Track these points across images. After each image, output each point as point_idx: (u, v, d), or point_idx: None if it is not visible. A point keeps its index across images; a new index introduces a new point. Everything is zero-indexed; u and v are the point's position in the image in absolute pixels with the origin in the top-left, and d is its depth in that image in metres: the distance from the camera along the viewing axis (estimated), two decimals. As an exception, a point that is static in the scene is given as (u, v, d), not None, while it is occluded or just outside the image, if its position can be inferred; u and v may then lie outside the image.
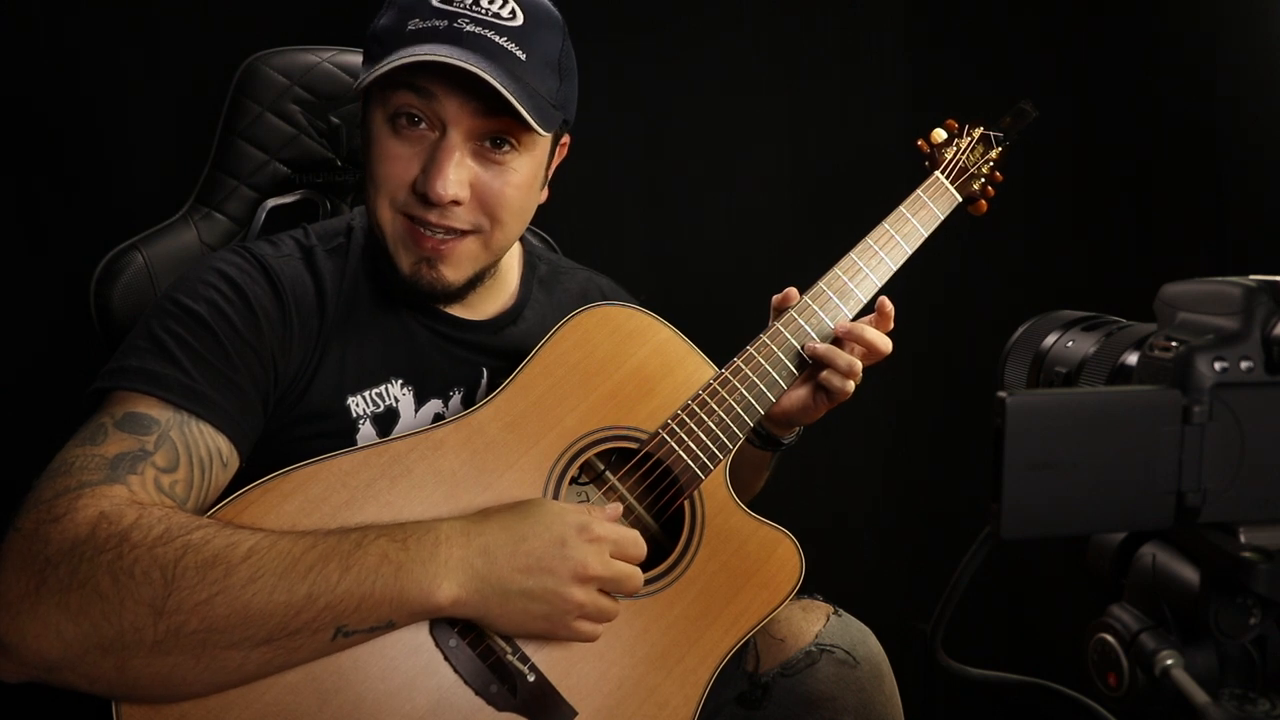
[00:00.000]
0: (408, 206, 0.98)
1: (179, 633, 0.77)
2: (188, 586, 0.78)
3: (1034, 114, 1.28)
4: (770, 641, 1.14)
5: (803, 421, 1.16)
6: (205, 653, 0.78)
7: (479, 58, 0.92)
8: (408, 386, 1.06)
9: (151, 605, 0.77)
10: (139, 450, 0.86)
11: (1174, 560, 0.61)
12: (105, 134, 1.52)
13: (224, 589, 0.78)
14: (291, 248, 1.05)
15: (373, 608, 0.83)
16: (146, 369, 0.90)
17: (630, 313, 1.09)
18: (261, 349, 0.96)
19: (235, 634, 0.79)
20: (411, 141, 0.97)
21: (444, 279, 1.01)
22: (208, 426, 0.90)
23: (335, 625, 0.82)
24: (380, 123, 0.97)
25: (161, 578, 0.78)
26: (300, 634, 0.81)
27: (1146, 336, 0.62)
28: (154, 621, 0.77)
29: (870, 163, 1.84)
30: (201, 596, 0.78)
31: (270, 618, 0.79)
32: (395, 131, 0.97)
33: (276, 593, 0.80)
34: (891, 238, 1.17)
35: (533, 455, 0.99)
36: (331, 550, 0.83)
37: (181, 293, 0.95)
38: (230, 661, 0.80)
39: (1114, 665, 0.60)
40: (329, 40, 1.30)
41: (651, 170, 1.84)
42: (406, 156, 0.97)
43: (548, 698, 0.93)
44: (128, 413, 0.88)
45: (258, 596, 0.79)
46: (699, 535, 1.04)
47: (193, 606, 0.78)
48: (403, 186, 0.97)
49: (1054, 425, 0.52)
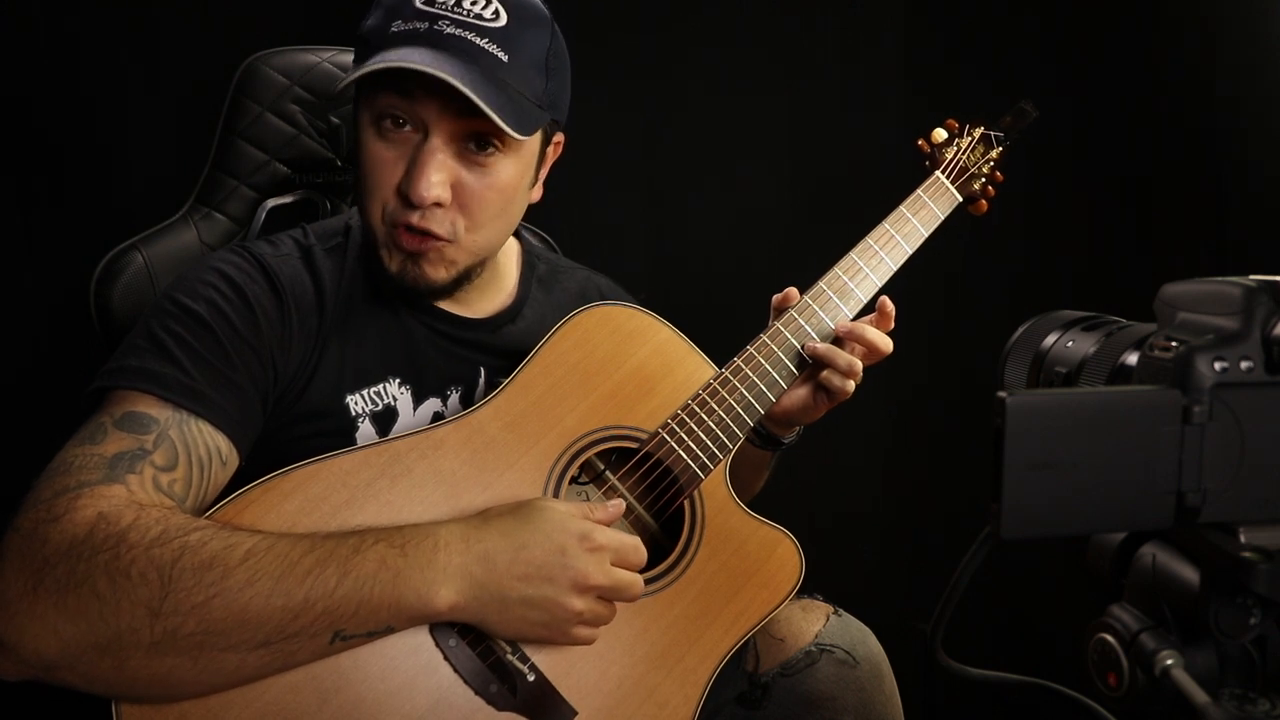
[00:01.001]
0: (395, 211, 0.97)
1: (175, 634, 0.77)
2: (184, 588, 0.78)
3: (1034, 114, 1.28)
4: (770, 641, 1.14)
5: (803, 421, 1.16)
6: (202, 655, 0.78)
7: (456, 63, 0.92)
8: (406, 385, 1.06)
9: (148, 606, 0.77)
10: (138, 449, 0.86)
11: (1174, 560, 0.61)
12: (105, 134, 1.52)
13: (221, 591, 0.78)
14: (290, 247, 1.05)
15: (370, 613, 0.83)
16: (146, 368, 0.90)
17: (630, 312, 1.09)
18: (261, 348, 0.96)
19: (232, 637, 0.79)
20: (396, 144, 0.97)
21: (427, 277, 1.01)
22: (206, 425, 0.90)
23: (333, 630, 0.82)
24: (366, 125, 0.98)
25: (158, 579, 0.78)
26: (297, 638, 0.81)
27: (1146, 336, 0.62)
28: (150, 623, 0.77)
29: (870, 163, 1.84)
30: (198, 599, 0.78)
31: (267, 621, 0.79)
32: (381, 134, 0.97)
33: (274, 597, 0.80)
34: (892, 238, 1.17)
35: (533, 455, 0.99)
36: (329, 554, 0.83)
37: (181, 292, 0.96)
38: (227, 664, 0.80)
39: (1114, 665, 0.60)
40: (329, 40, 1.30)
41: (651, 170, 1.84)
42: (392, 160, 0.97)
43: (548, 697, 0.93)
44: (127, 412, 0.88)
45: (255, 600, 0.79)
46: (699, 535, 1.04)
47: (189, 609, 0.77)
48: (390, 189, 0.97)
49: (1054, 425, 0.52)
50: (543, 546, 0.88)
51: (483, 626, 0.89)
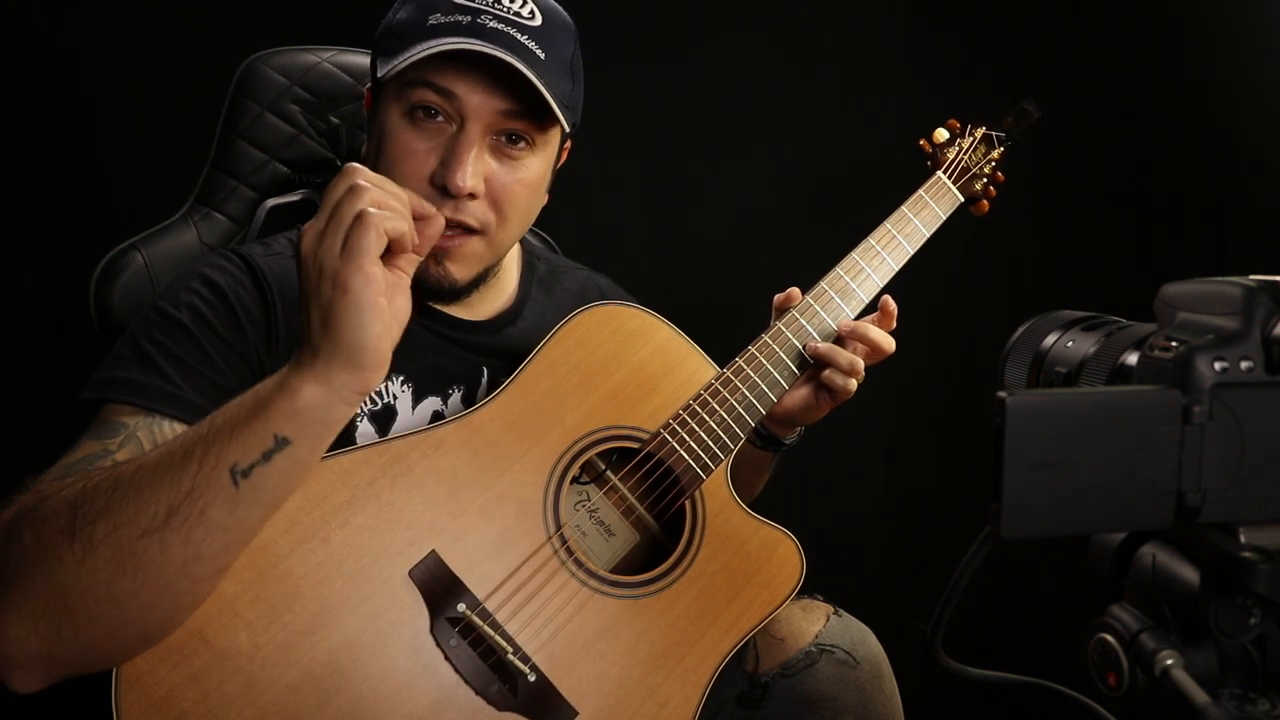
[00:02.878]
0: None
1: (91, 541, 0.78)
2: (88, 501, 0.79)
3: (1036, 114, 1.28)
4: (770, 641, 1.14)
5: (805, 421, 1.16)
6: (121, 551, 0.78)
7: (506, 52, 0.93)
8: (407, 384, 1.06)
9: (65, 531, 0.78)
10: (101, 451, 0.87)
11: (1174, 560, 0.61)
12: (105, 134, 1.52)
13: (116, 486, 0.79)
14: (284, 245, 1.06)
15: (247, 431, 0.80)
16: (131, 380, 0.91)
17: (632, 312, 1.09)
18: (246, 349, 0.97)
19: (139, 519, 0.78)
20: (429, 134, 0.97)
21: (450, 276, 1.02)
22: (181, 425, 0.90)
23: (223, 466, 0.79)
24: (396, 116, 0.98)
25: (67, 507, 0.79)
26: (195, 492, 0.79)
27: (1146, 336, 0.62)
28: (69, 543, 0.78)
29: (871, 163, 1.84)
30: (100, 504, 0.79)
31: (159, 487, 0.78)
32: (414, 124, 0.97)
33: (159, 468, 0.79)
34: (893, 237, 1.17)
35: (534, 455, 0.99)
36: (198, 425, 0.82)
37: (165, 301, 0.97)
38: (150, 552, 0.78)
39: (1114, 665, 0.60)
40: (329, 40, 1.30)
41: (651, 170, 1.84)
42: (424, 150, 0.97)
43: (548, 697, 0.93)
44: (102, 422, 0.90)
45: (143, 475, 0.79)
46: (700, 535, 1.04)
47: (95, 514, 0.78)
48: (422, 180, 0.97)
49: (1054, 425, 0.52)
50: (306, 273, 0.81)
51: (333, 362, 0.80)
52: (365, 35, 1.10)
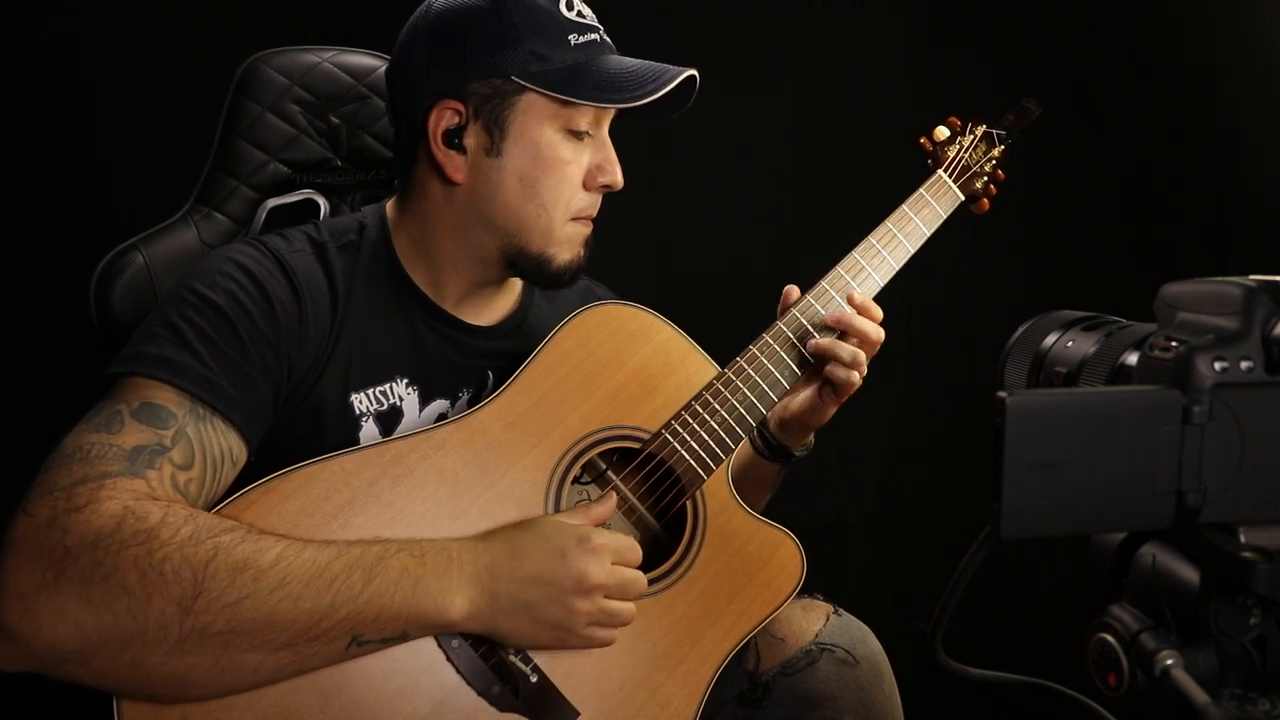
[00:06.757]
0: (585, 205, 1.05)
1: (204, 633, 0.78)
2: (218, 588, 0.78)
3: (1036, 112, 1.28)
4: (770, 640, 1.14)
5: (813, 423, 1.15)
6: (225, 654, 0.79)
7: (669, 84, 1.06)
8: (413, 386, 1.06)
9: (180, 603, 0.77)
10: (157, 444, 0.85)
11: (1174, 560, 0.61)
12: (105, 134, 1.52)
13: (253, 593, 0.79)
14: (304, 242, 1.05)
15: (390, 619, 0.84)
16: (164, 357, 0.89)
17: (632, 312, 1.09)
18: (279, 345, 0.95)
19: (258, 637, 0.80)
20: (580, 145, 1.04)
21: (583, 260, 1.09)
22: (221, 422, 0.90)
23: (351, 634, 0.83)
24: (552, 131, 1.02)
25: (192, 577, 0.78)
26: (318, 641, 0.82)
27: (1146, 336, 0.62)
28: (180, 619, 0.77)
29: (871, 162, 1.84)
30: (231, 599, 0.79)
31: (294, 623, 0.81)
32: (575, 138, 1.03)
33: (303, 600, 0.81)
34: (894, 236, 1.17)
35: (535, 455, 0.99)
36: (356, 561, 0.84)
37: (200, 282, 0.95)
38: (247, 664, 0.80)
39: (1114, 665, 0.60)
40: (329, 40, 1.30)
41: (651, 170, 1.84)
42: (576, 160, 1.04)
43: (550, 698, 0.93)
44: (145, 402, 0.87)
45: (284, 602, 0.80)
46: (701, 535, 1.04)
47: (221, 608, 0.78)
48: (579, 186, 1.04)
49: (1054, 425, 0.52)
50: (543, 550, 0.90)
51: (495, 635, 0.90)
52: (365, 35, 1.10)
